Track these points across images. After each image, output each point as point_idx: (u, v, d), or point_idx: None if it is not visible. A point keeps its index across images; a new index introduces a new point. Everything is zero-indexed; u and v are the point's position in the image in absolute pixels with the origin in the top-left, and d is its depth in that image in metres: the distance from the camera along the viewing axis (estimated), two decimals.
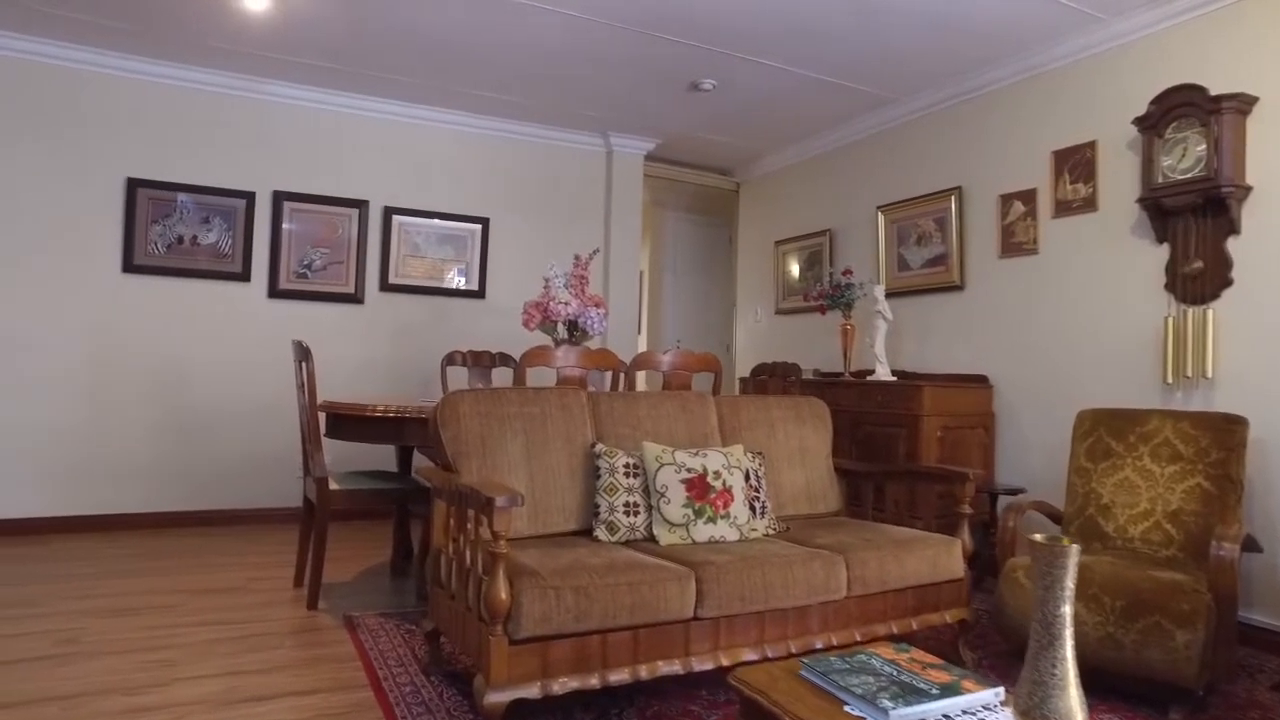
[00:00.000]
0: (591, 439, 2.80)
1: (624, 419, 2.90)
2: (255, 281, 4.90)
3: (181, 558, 3.99)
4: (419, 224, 5.32)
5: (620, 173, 5.90)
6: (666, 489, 2.65)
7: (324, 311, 5.07)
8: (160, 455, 4.69)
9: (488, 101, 5.17)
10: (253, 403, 4.86)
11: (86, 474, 4.53)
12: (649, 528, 2.65)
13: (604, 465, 2.69)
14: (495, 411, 2.66)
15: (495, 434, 2.63)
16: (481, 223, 5.48)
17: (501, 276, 5.56)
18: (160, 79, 4.67)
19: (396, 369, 5.23)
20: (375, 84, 4.91)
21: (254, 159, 4.90)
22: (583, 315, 3.74)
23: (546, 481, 2.67)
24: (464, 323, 5.42)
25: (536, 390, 2.79)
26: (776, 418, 3.26)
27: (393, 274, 5.25)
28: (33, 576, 3.61)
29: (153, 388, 4.68)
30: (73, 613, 3.10)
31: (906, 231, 4.93)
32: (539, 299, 3.77)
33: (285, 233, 4.96)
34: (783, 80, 4.62)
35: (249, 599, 3.33)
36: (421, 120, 5.32)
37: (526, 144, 5.66)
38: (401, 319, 5.27)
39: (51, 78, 4.47)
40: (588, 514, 2.70)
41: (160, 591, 3.40)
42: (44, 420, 4.46)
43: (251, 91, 4.87)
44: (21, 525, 4.38)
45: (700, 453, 2.77)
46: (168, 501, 4.68)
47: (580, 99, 5.11)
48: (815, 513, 3.21)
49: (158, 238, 4.66)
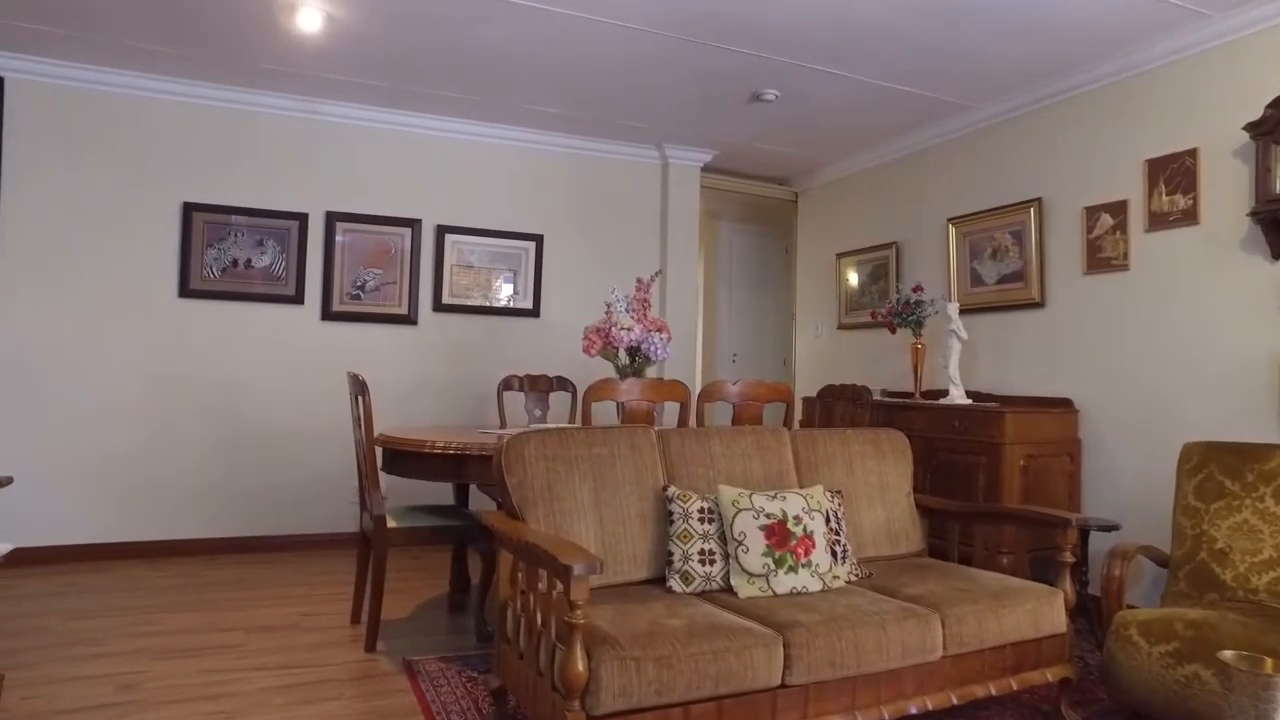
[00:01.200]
0: (663, 481, 2.64)
1: (696, 458, 2.74)
2: (308, 304, 4.84)
3: (238, 589, 3.93)
4: (472, 242, 5.22)
5: (676, 185, 5.74)
6: (744, 536, 2.48)
7: (377, 333, 5.00)
8: (215, 480, 4.65)
9: (540, 115, 5.06)
10: (306, 427, 4.80)
11: (144, 499, 4.52)
12: (726, 578, 2.48)
13: (677, 510, 2.53)
14: (562, 454, 2.51)
15: (562, 478, 2.48)
16: (535, 240, 5.37)
17: (556, 294, 5.44)
18: (214, 102, 4.64)
19: (451, 391, 5.14)
20: (426, 101, 4.82)
21: (306, 180, 4.85)
22: (645, 341, 3.58)
23: (617, 528, 2.52)
24: (519, 342, 5.30)
25: (604, 430, 2.64)
26: (854, 452, 3.07)
27: (446, 294, 5.16)
28: (94, 608, 3.57)
29: (208, 412, 4.65)
30: (133, 652, 3.03)
31: (980, 245, 4.68)
32: (600, 324, 3.63)
33: (338, 254, 4.90)
34: (849, 88, 4.41)
35: (306, 638, 3.23)
36: (473, 136, 5.22)
37: (580, 158, 5.53)
38: (455, 340, 5.18)
39: (109, 105, 4.47)
40: (660, 561, 2.54)
41: (218, 628, 3.32)
42: (102, 445, 4.45)
43: (303, 112, 4.82)
44: (82, 551, 4.38)
45: (779, 495, 2.59)
46: (223, 527, 4.64)
47: (635, 111, 4.96)
48: (897, 554, 3.01)
49: (213, 261, 4.63)
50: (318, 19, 3.69)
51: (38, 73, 4.34)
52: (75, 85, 4.41)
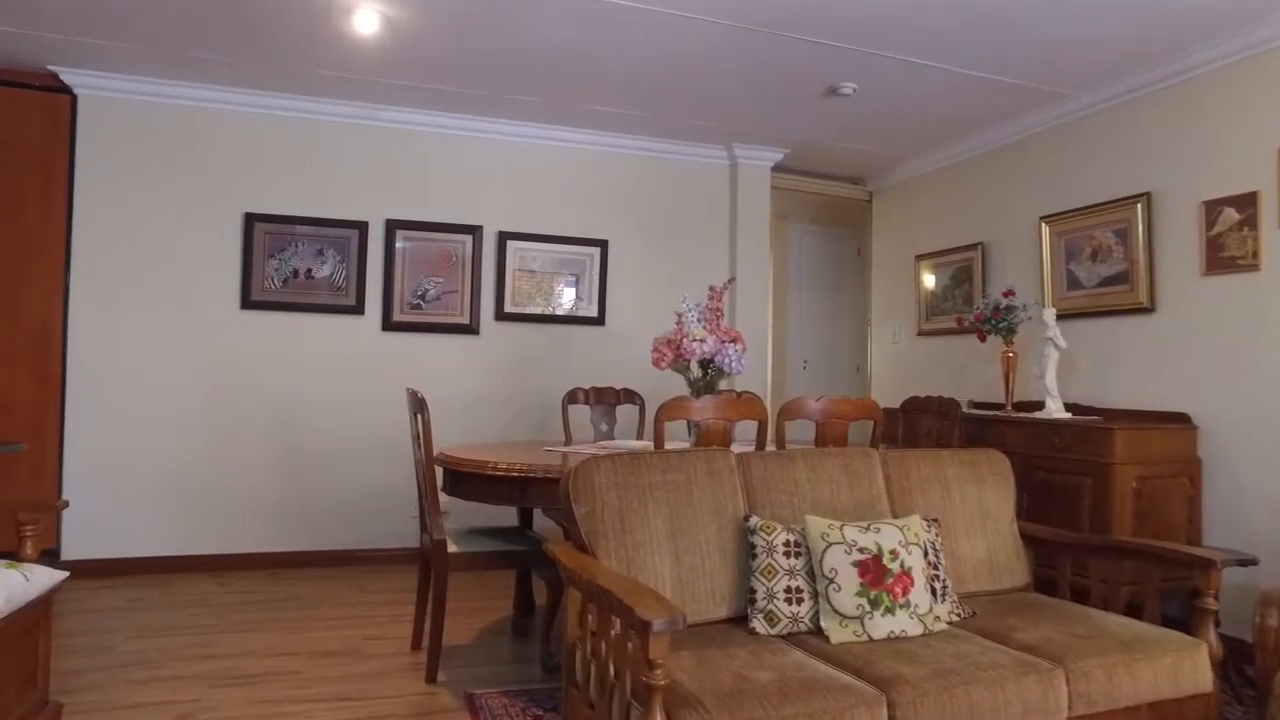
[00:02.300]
0: (744, 510, 2.42)
1: (779, 484, 2.50)
2: (369, 314, 4.75)
3: (300, 606, 3.84)
4: (534, 248, 5.07)
5: (746, 187, 5.50)
6: (835, 573, 2.23)
7: (438, 344, 4.88)
8: (277, 493, 4.59)
9: (604, 117, 4.87)
10: (369, 439, 4.71)
11: (209, 512, 4.48)
12: (815, 619, 2.24)
13: (760, 543, 2.30)
14: (634, 481, 2.31)
15: (635, 508, 2.28)
16: (600, 245, 5.19)
17: (622, 301, 5.25)
18: (274, 111, 4.59)
19: (514, 403, 4.99)
20: (486, 104, 4.69)
21: (366, 187, 4.77)
22: (719, 353, 3.36)
23: (694, 562, 2.30)
24: (583, 352, 5.13)
25: (680, 453, 2.43)
26: (951, 476, 2.79)
27: (508, 302, 5.01)
28: (156, 626, 3.52)
29: (271, 424, 4.59)
30: (191, 678, 2.94)
31: (1077, 245, 4.32)
32: (671, 335, 3.42)
33: (398, 262, 4.80)
34: (932, 79, 4.11)
35: (366, 665, 3.10)
36: (535, 139, 5.07)
37: (645, 160, 5.33)
38: (518, 349, 5.03)
39: (172, 117, 4.46)
40: (741, 599, 2.32)
41: (277, 652, 3.22)
42: (167, 458, 4.43)
43: (362, 118, 4.74)
44: (148, 564, 4.36)
45: (872, 527, 2.34)
46: (285, 541, 4.58)
47: (703, 110, 4.74)
48: (999, 589, 2.72)
49: (274, 272, 4.58)
50: (375, 20, 3.57)
51: (106, 88, 4.35)
52: (140, 99, 4.40)
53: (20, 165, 4.29)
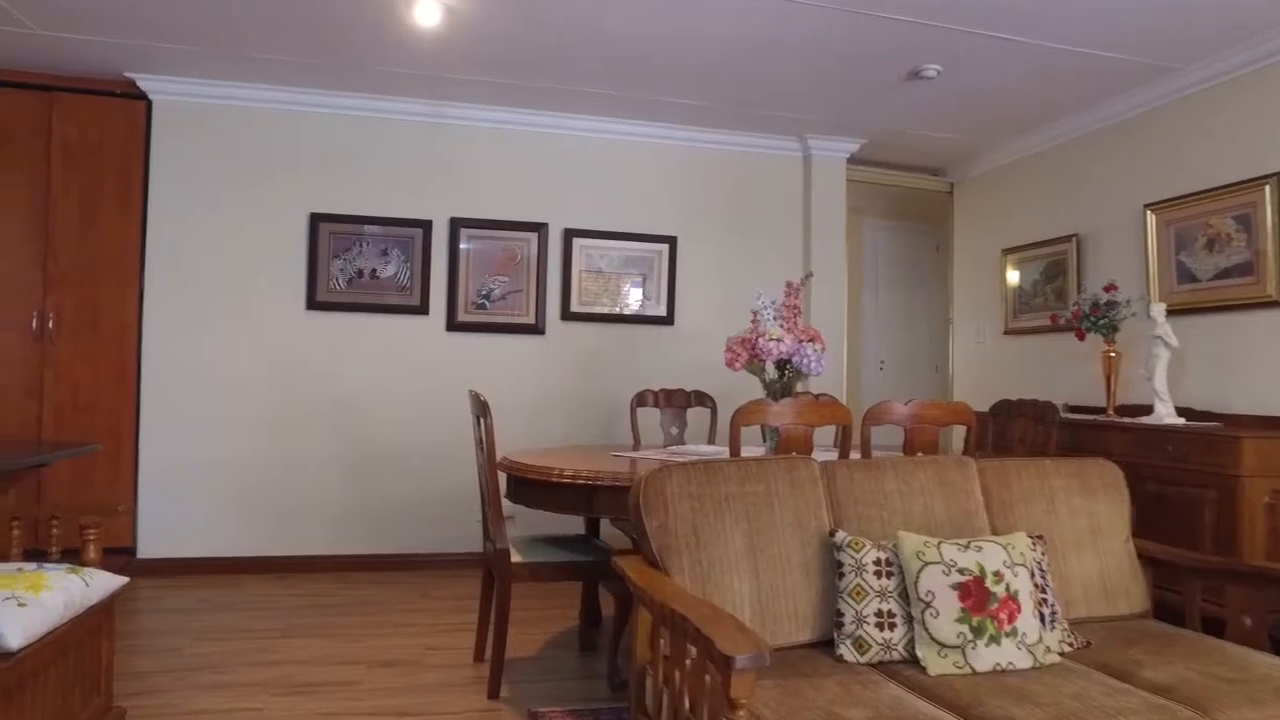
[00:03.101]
0: (828, 524, 2.21)
1: (867, 496, 2.29)
2: (433, 314, 4.69)
3: (363, 612, 3.77)
4: (601, 246, 4.93)
5: (820, 179, 5.25)
6: (932, 597, 2.01)
7: (503, 344, 4.79)
8: (343, 495, 4.56)
9: (672, 108, 4.70)
10: (434, 441, 4.64)
11: (273, 514, 4.48)
12: (910, 646, 2.03)
13: (847, 561, 2.10)
14: (710, 492, 2.13)
15: (711, 522, 2.10)
16: (668, 242, 5.02)
17: (691, 300, 5.07)
18: (337, 110, 4.57)
19: (581, 405, 4.86)
20: (550, 98, 4.57)
21: (429, 185, 4.70)
22: (797, 353, 3.16)
23: (775, 580, 2.11)
24: (652, 352, 4.97)
25: (759, 462, 2.24)
26: (1057, 487, 2.53)
27: (574, 301, 4.89)
28: (223, 629, 3.49)
29: (336, 426, 4.57)
30: (253, 685, 2.88)
31: (1189, 234, 3.97)
32: (746, 335, 3.23)
33: (462, 261, 4.72)
34: (1024, 57, 3.82)
35: (427, 677, 2.99)
36: (601, 134, 4.93)
37: (715, 154, 5.14)
38: (584, 350, 4.90)
39: (239, 118, 4.48)
40: (826, 620, 2.12)
41: (339, 660, 3.14)
42: (235, 459, 4.44)
43: (425, 115, 4.68)
44: (216, 564, 4.38)
45: (972, 545, 2.11)
46: (351, 543, 4.55)
47: (775, 100, 4.53)
48: (1115, 614, 2.45)
49: (339, 272, 4.55)
50: (436, 12, 3.48)
51: (179, 92, 4.39)
52: (210, 102, 4.43)
53: (101, 171, 4.35)
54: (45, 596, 2.06)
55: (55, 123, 4.32)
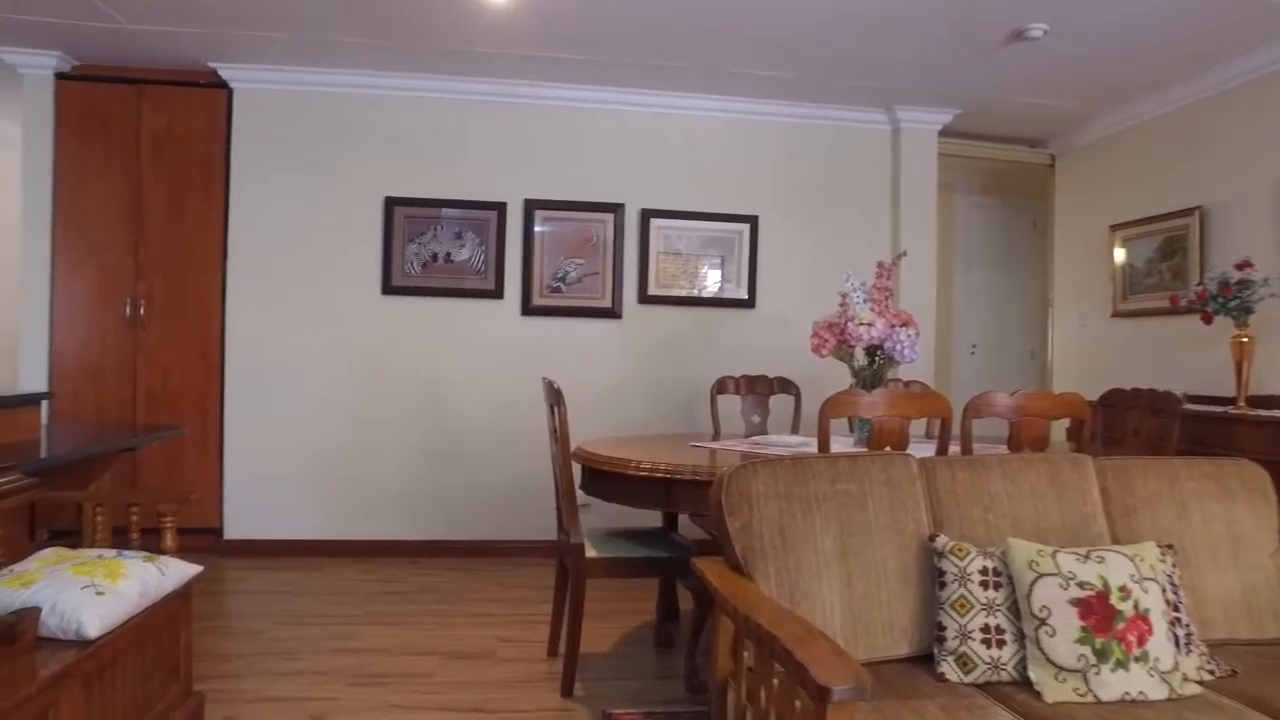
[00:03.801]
0: (928, 528, 2.02)
1: (971, 497, 2.08)
2: (508, 298, 4.62)
3: (439, 599, 3.75)
4: (679, 226, 4.77)
5: (910, 153, 4.96)
6: (1048, 613, 1.81)
7: (579, 328, 4.69)
8: (419, 480, 4.56)
9: (752, 81, 4.49)
10: (509, 427, 4.58)
11: (352, 498, 4.51)
12: (1022, 667, 1.83)
13: (950, 569, 1.91)
14: (798, 491, 1.97)
15: (799, 524, 1.94)
16: (749, 221, 4.82)
17: (773, 281, 4.86)
18: (410, 92, 4.53)
19: (658, 391, 4.73)
20: (626, 73, 4.41)
21: (503, 167, 4.62)
22: (889, 339, 2.95)
23: (869, 589, 1.94)
24: (732, 336, 4.79)
25: (851, 459, 2.06)
26: (1188, 491, 2.26)
27: (652, 284, 4.75)
28: (302, 613, 3.52)
29: (412, 411, 4.56)
30: (328, 673, 2.87)
31: None
32: (834, 319, 3.04)
33: (537, 244, 4.63)
34: (1145, 8, 3.46)
35: (500, 671, 2.93)
36: (679, 110, 4.75)
37: (798, 128, 4.90)
38: (662, 334, 4.76)
39: (315, 104, 4.49)
40: (926, 634, 1.93)
41: (413, 650, 3.11)
42: (314, 443, 4.48)
43: (498, 95, 4.59)
44: (298, 547, 4.43)
45: (1093, 555, 1.89)
46: (428, 529, 4.54)
47: (863, 69, 4.27)
48: (1262, 638, 2.17)
49: (413, 256, 4.52)
50: None
51: (258, 80, 4.42)
52: (288, 89, 4.46)
53: (186, 160, 4.43)
54: (122, 585, 2.05)
55: (145, 114, 4.41)
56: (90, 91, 4.41)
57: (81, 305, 4.39)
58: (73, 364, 4.38)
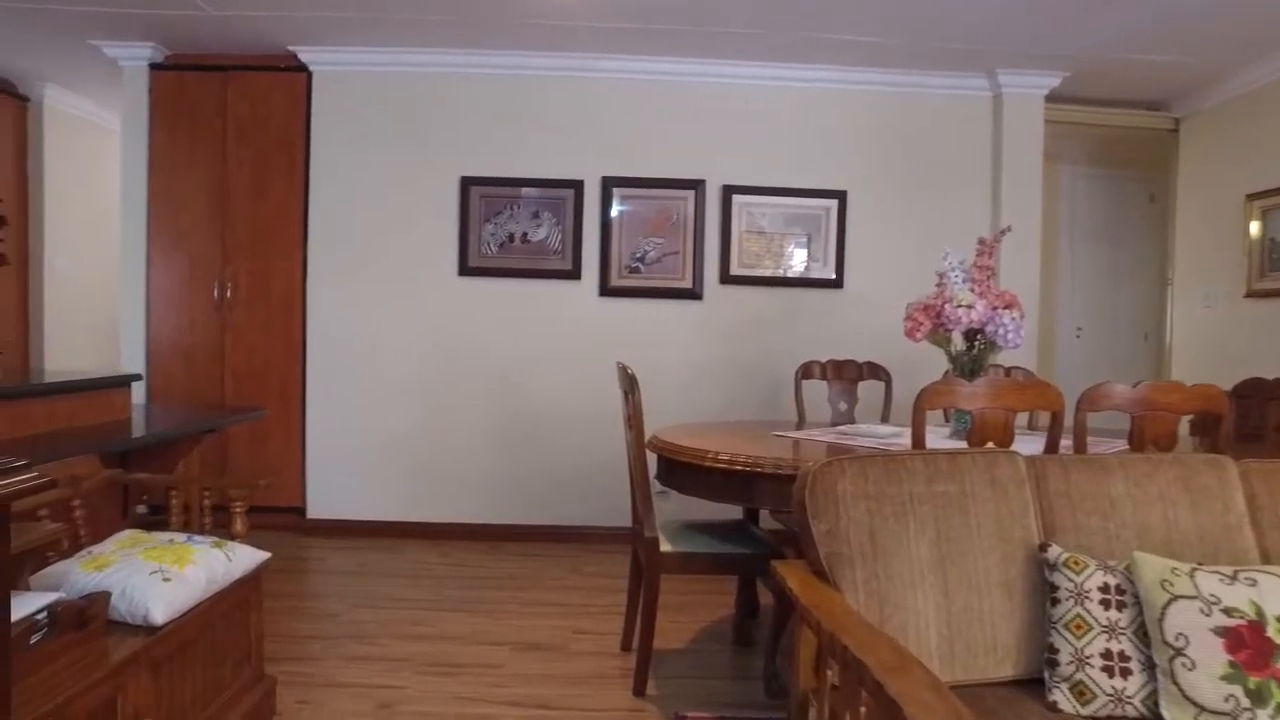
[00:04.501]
0: (1038, 536, 1.81)
1: (1089, 503, 1.85)
2: (586, 278, 4.51)
3: (514, 586, 3.70)
4: (763, 203, 4.56)
5: (1013, 120, 4.59)
6: (1186, 643, 1.57)
7: (659, 310, 4.54)
8: (497, 463, 4.52)
9: (842, 48, 4.22)
10: (587, 411, 4.48)
11: (430, 480, 4.51)
12: (1152, 702, 1.60)
13: (1064, 584, 1.69)
14: (891, 492, 1.78)
15: (891, 527, 1.75)
16: (837, 197, 4.56)
17: (862, 261, 4.60)
18: (486, 69, 4.44)
19: (739, 375, 4.55)
20: (706, 43, 4.21)
21: (580, 144, 4.49)
22: (991, 322, 2.70)
23: (969, 602, 1.74)
24: (818, 319, 4.56)
25: (951, 457, 1.86)
26: None
27: (734, 263, 4.55)
28: (377, 596, 3.52)
29: (489, 394, 4.51)
30: (399, 660, 2.84)
31: None
32: (929, 300, 2.81)
33: (615, 223, 4.50)
34: None
35: (571, 665, 2.84)
36: (761, 81, 4.52)
37: (890, 97, 4.60)
38: (745, 316, 4.57)
39: (392, 84, 4.46)
40: (1034, 655, 1.73)
41: (484, 640, 3.05)
42: (393, 424, 4.49)
43: (574, 70, 4.45)
44: (377, 528, 4.46)
45: (1242, 576, 1.64)
46: (505, 513, 4.50)
47: (961, 30, 3.95)
48: None
49: (489, 237, 4.46)
50: None
51: (336, 62, 4.43)
52: (365, 69, 4.44)
53: (268, 144, 4.47)
54: (190, 571, 2.04)
55: (230, 100, 4.47)
56: (180, 80, 4.49)
57: (173, 290, 4.51)
58: (166, 347, 4.51)
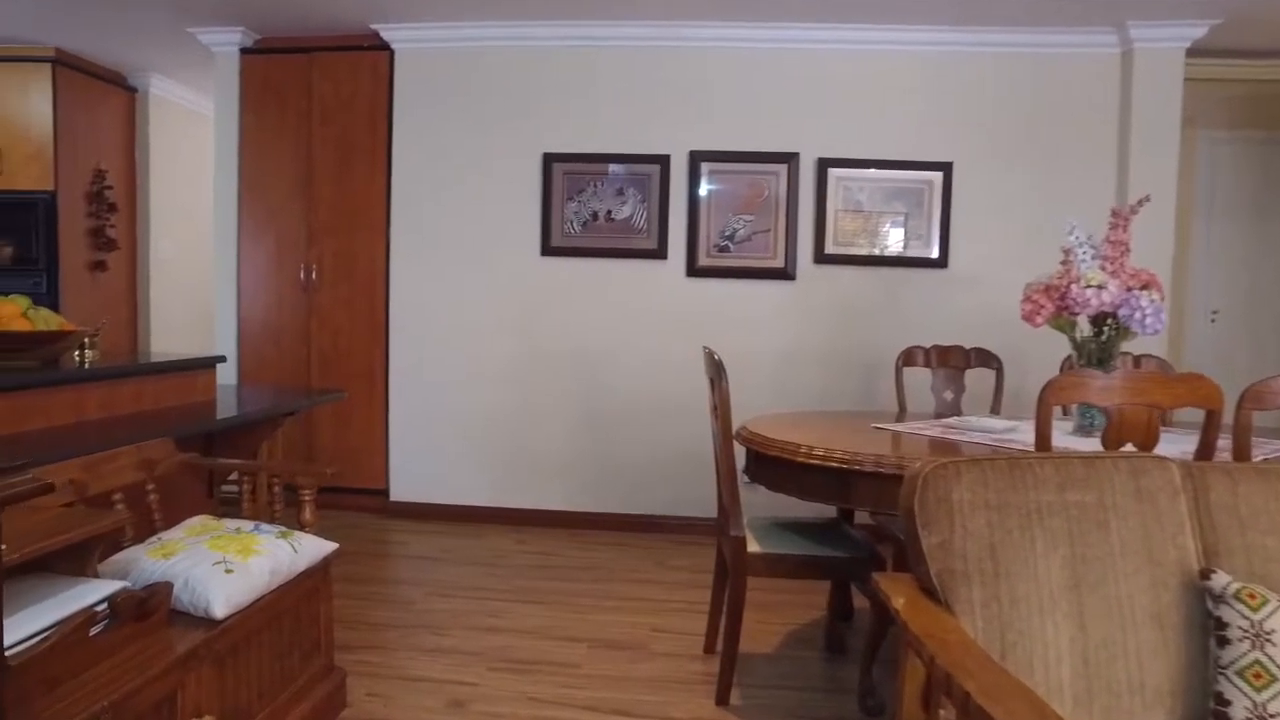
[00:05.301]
0: (1197, 559, 1.53)
1: (1263, 520, 1.55)
2: (672, 258, 4.31)
3: (593, 578, 3.57)
4: (860, 176, 4.25)
5: (1145, 80, 4.13)
6: None
7: (749, 291, 4.31)
8: (579, 449, 4.39)
9: (945, 5, 3.86)
10: (673, 396, 4.30)
11: (512, 465, 4.43)
12: None
13: (1236, 620, 1.41)
14: (1015, 501, 1.53)
15: (1016, 541, 1.51)
16: (942, 169, 4.21)
17: (969, 238, 4.24)
18: (568, 41, 4.27)
19: (834, 361, 4.27)
20: (803, 6, 3.93)
21: (666, 117, 4.28)
22: (1125, 305, 2.38)
23: (1110, 634, 1.48)
24: (921, 301, 4.23)
25: (1088, 462, 1.59)
26: None
27: (830, 241, 4.27)
28: (454, 584, 3.45)
29: (571, 377, 4.39)
30: (472, 654, 2.74)
31: None
32: (1052, 280, 2.50)
33: (703, 199, 4.28)
34: None
35: (651, 667, 2.68)
36: (861, 45, 4.20)
37: (1003, 58, 4.21)
38: (840, 297, 4.29)
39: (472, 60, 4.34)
40: (1194, 702, 1.45)
41: (560, 635, 2.93)
42: (474, 407, 4.43)
43: (659, 39, 4.23)
44: (459, 512, 4.41)
45: None
46: (586, 500, 4.38)
47: None
48: None
49: (573, 215, 4.31)
50: None
51: (418, 39, 4.35)
52: (447, 46, 4.35)
53: (352, 125, 4.45)
54: (253, 562, 1.97)
55: (315, 82, 4.46)
56: (268, 64, 4.51)
57: (262, 271, 4.55)
58: (256, 328, 4.56)
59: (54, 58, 4.77)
